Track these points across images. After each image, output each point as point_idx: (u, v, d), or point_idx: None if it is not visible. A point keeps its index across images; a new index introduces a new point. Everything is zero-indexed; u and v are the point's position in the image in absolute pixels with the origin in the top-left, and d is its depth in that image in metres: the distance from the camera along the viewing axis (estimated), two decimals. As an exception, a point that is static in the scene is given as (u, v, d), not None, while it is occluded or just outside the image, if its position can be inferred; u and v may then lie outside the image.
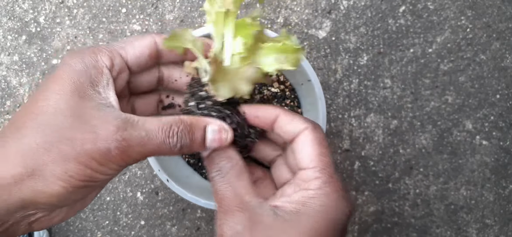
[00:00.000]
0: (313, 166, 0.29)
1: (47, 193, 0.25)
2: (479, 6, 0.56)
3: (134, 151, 0.27)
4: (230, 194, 0.29)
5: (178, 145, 0.28)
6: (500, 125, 0.57)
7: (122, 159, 0.27)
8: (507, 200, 0.57)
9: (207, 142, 0.30)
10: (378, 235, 0.57)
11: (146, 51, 0.32)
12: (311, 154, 0.30)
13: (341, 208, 0.28)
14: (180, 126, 0.28)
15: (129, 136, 0.27)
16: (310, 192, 0.28)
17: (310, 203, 0.28)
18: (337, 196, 0.29)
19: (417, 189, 0.57)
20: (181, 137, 0.28)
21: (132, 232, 0.57)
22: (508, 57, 0.56)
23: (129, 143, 0.27)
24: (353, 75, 0.56)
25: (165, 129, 0.28)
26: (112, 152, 0.26)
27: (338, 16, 0.56)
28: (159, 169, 0.44)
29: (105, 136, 0.26)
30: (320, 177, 0.29)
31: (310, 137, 0.30)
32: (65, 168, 0.25)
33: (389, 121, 0.56)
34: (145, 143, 0.27)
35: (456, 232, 0.57)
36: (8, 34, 0.56)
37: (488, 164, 0.57)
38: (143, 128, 0.27)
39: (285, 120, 0.31)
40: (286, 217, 0.28)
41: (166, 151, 0.28)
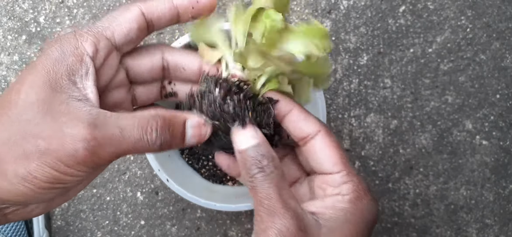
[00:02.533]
0: (338, 170, 0.29)
1: (12, 192, 0.24)
2: (479, 6, 0.56)
3: (105, 151, 0.25)
4: (275, 195, 0.27)
5: (158, 141, 0.26)
6: (500, 124, 0.57)
7: (92, 160, 0.24)
8: (507, 200, 0.57)
9: (187, 137, 0.28)
10: (378, 235, 0.57)
11: (134, 25, 0.28)
12: (333, 157, 0.29)
13: (373, 209, 0.29)
14: (158, 122, 0.26)
15: (100, 134, 0.24)
16: (345, 198, 0.28)
17: (347, 208, 0.27)
18: (369, 198, 0.28)
19: (417, 189, 0.57)
20: (161, 134, 0.26)
21: (132, 232, 0.57)
22: (508, 57, 0.56)
23: (99, 143, 0.24)
24: (353, 75, 0.56)
25: (142, 125, 0.26)
26: (80, 153, 0.24)
27: (338, 16, 0.56)
28: (159, 169, 0.44)
29: (73, 135, 0.24)
30: (349, 181, 0.28)
31: (327, 139, 0.29)
32: (28, 168, 0.23)
33: (389, 120, 0.56)
34: (119, 142, 0.25)
35: (456, 232, 0.57)
36: (8, 34, 0.56)
37: (488, 164, 0.57)
38: (117, 124, 0.25)
39: (299, 116, 0.30)
40: (330, 225, 0.27)
41: (143, 149, 0.26)
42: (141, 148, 0.26)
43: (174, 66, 0.32)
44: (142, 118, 0.26)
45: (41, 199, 0.25)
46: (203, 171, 0.52)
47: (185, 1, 0.29)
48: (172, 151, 0.51)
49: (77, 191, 0.30)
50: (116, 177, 0.56)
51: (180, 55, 0.32)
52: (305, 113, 0.30)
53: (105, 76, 0.29)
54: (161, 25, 0.30)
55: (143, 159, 0.56)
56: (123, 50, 0.30)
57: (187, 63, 0.32)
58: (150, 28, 0.30)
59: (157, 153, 0.30)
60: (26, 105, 0.24)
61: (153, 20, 0.29)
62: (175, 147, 0.28)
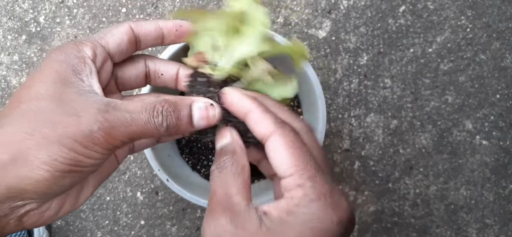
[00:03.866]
0: (290, 173, 0.27)
1: (32, 179, 0.25)
2: (479, 6, 0.56)
3: (118, 132, 0.26)
4: (220, 192, 0.28)
5: (164, 124, 0.27)
6: (500, 124, 0.57)
7: (106, 141, 0.26)
8: (507, 200, 0.57)
9: (194, 120, 0.29)
10: (378, 235, 0.57)
11: (124, 37, 0.31)
12: (285, 161, 0.27)
13: (328, 216, 0.26)
14: (164, 105, 0.28)
15: (112, 117, 0.26)
16: (294, 201, 0.27)
17: (295, 212, 0.26)
18: (322, 203, 0.26)
19: (417, 189, 0.57)
20: (166, 116, 0.28)
21: (132, 232, 0.57)
22: (508, 57, 0.56)
23: (112, 124, 0.26)
24: (353, 75, 0.56)
25: (149, 109, 0.27)
26: (95, 134, 0.26)
27: (338, 16, 0.56)
28: (159, 169, 0.44)
29: (87, 118, 0.26)
30: (301, 183, 0.27)
31: (280, 142, 0.28)
32: (49, 152, 0.25)
33: (389, 120, 0.56)
34: (129, 124, 0.27)
35: (456, 232, 0.57)
36: (8, 34, 0.56)
37: (488, 164, 0.57)
38: (126, 109, 0.27)
39: (254, 119, 0.29)
40: (270, 225, 0.26)
41: (152, 131, 0.27)
42: (150, 130, 0.27)
43: (154, 72, 0.35)
44: (148, 102, 0.28)
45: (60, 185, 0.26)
46: (203, 171, 0.52)
47: (170, 23, 0.33)
48: (172, 150, 0.51)
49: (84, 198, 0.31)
50: (116, 177, 0.56)
51: (159, 62, 0.35)
52: (262, 114, 0.29)
53: (102, 80, 0.31)
54: (148, 43, 0.33)
55: (143, 159, 0.56)
56: (114, 59, 0.32)
57: (165, 69, 0.35)
58: (138, 44, 0.33)
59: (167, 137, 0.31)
60: (39, 97, 0.26)
61: (140, 36, 0.32)
62: (184, 130, 0.29)
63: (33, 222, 0.27)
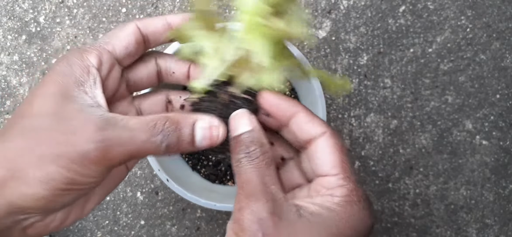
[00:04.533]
0: (335, 172, 0.28)
1: (31, 196, 0.25)
2: (479, 6, 0.56)
3: (115, 151, 0.26)
4: (257, 179, 0.27)
5: (163, 144, 0.27)
6: (500, 124, 0.57)
7: (102, 161, 0.26)
8: (507, 200, 0.57)
9: (197, 140, 0.28)
10: (378, 235, 0.57)
11: (132, 38, 0.30)
12: (333, 160, 0.28)
13: (365, 219, 0.27)
14: (165, 123, 0.27)
15: (109, 136, 0.25)
16: (335, 199, 0.27)
17: (335, 209, 0.27)
18: (362, 206, 0.27)
19: (417, 189, 0.57)
20: (166, 135, 0.27)
21: (132, 232, 0.57)
22: (508, 57, 0.56)
23: (108, 144, 0.25)
24: (353, 75, 0.56)
25: (150, 127, 0.26)
26: (91, 154, 0.25)
27: (338, 16, 0.56)
28: (159, 169, 0.44)
29: (83, 137, 0.25)
30: (345, 185, 0.28)
31: (331, 142, 0.29)
32: (45, 171, 0.25)
33: (389, 120, 0.56)
34: (127, 143, 0.26)
35: (456, 232, 0.57)
36: (8, 34, 0.56)
37: (488, 164, 0.57)
38: (126, 127, 0.26)
39: (304, 118, 0.30)
40: (310, 218, 0.26)
41: (151, 151, 0.27)
42: (149, 149, 0.27)
43: (165, 70, 0.34)
44: (149, 120, 0.27)
45: (60, 202, 0.26)
46: (203, 171, 0.52)
47: (178, 18, 0.31)
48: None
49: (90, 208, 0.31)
50: (116, 177, 0.56)
51: (170, 60, 0.34)
52: (311, 115, 0.30)
53: (110, 88, 0.30)
54: (157, 41, 0.32)
55: (143, 159, 0.56)
56: (123, 63, 0.31)
57: (177, 67, 0.34)
58: (147, 44, 0.32)
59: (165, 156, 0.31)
60: (39, 114, 0.26)
61: (148, 35, 0.31)
62: (184, 150, 0.29)
63: (37, 232, 0.27)
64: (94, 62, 0.28)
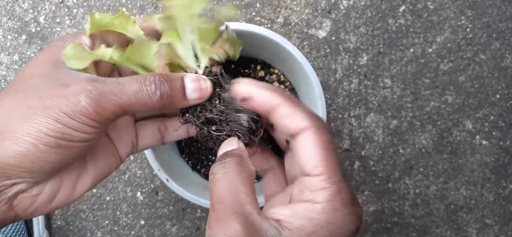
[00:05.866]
0: (318, 173, 0.26)
1: (16, 151, 0.24)
2: (479, 6, 0.56)
3: (107, 100, 0.25)
4: (229, 197, 0.24)
5: (157, 92, 0.27)
6: (500, 124, 0.57)
7: (95, 111, 0.25)
8: (507, 200, 0.57)
9: (188, 92, 0.29)
10: (378, 235, 0.57)
11: None
12: (315, 159, 0.26)
13: (348, 224, 0.25)
14: (156, 76, 0.27)
15: (100, 85, 0.26)
16: (317, 207, 0.25)
17: (316, 219, 0.25)
18: (346, 212, 0.25)
19: (417, 189, 0.57)
20: (159, 84, 0.27)
21: (132, 231, 0.57)
22: (508, 57, 0.56)
23: (100, 92, 0.25)
24: (353, 75, 0.56)
25: (141, 79, 0.27)
26: (83, 103, 0.25)
27: (338, 16, 0.56)
28: (159, 169, 0.44)
29: (74, 88, 0.25)
30: (327, 187, 0.25)
31: (314, 138, 0.26)
32: (33, 123, 0.24)
33: (389, 120, 0.56)
34: (119, 92, 0.26)
35: (456, 232, 0.57)
36: (8, 34, 0.56)
37: (488, 164, 0.57)
38: (117, 81, 0.27)
39: (286, 111, 0.27)
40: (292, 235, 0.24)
41: (145, 101, 0.26)
42: (142, 100, 0.26)
43: None
44: (140, 75, 0.28)
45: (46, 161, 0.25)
46: (203, 171, 0.52)
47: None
48: (172, 150, 0.51)
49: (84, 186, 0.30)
50: (116, 177, 0.56)
51: None
52: (292, 107, 0.27)
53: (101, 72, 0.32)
54: None
55: (143, 159, 0.56)
56: None
57: None
58: None
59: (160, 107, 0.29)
60: (31, 76, 0.27)
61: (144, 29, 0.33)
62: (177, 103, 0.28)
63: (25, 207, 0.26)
64: (86, 41, 0.30)
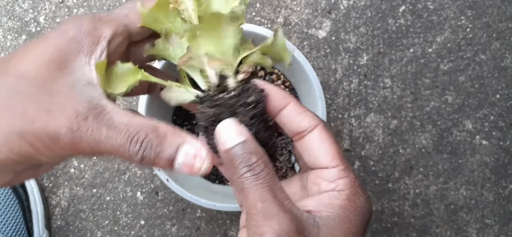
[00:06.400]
0: (335, 164, 0.28)
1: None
2: (479, 6, 0.56)
3: (85, 145, 0.24)
4: (270, 196, 0.25)
5: (139, 154, 0.24)
6: (500, 124, 0.57)
7: (71, 150, 0.24)
8: (507, 200, 0.57)
9: (176, 163, 0.25)
10: (378, 235, 0.57)
11: None
12: (330, 152, 0.28)
13: (369, 206, 0.28)
14: (149, 135, 0.24)
15: (86, 128, 0.23)
16: (343, 193, 0.27)
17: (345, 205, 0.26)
18: (366, 195, 0.28)
19: (417, 189, 0.57)
20: (144, 148, 0.24)
21: (132, 231, 0.57)
22: (508, 57, 0.56)
23: (82, 136, 0.23)
24: (353, 75, 0.56)
25: (131, 132, 0.24)
26: (61, 140, 0.23)
27: (338, 16, 0.56)
28: (159, 169, 0.44)
29: (59, 119, 0.23)
30: (346, 176, 0.27)
31: (325, 134, 0.28)
32: (6, 139, 0.23)
33: (389, 120, 0.56)
34: (101, 141, 0.24)
35: (456, 232, 0.57)
36: (8, 34, 0.56)
37: (488, 164, 0.57)
38: (108, 123, 0.24)
39: (296, 110, 0.29)
40: (327, 223, 0.26)
41: (124, 156, 0.24)
42: (122, 155, 0.24)
43: None
44: (134, 124, 0.24)
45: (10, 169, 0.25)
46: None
47: None
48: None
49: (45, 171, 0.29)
50: (116, 177, 0.56)
51: None
52: (301, 107, 0.29)
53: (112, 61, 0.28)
54: None
55: (143, 159, 0.56)
56: (133, 38, 0.29)
57: None
58: None
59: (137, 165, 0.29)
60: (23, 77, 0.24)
61: None
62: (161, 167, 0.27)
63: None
64: (107, 35, 0.26)
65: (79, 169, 0.56)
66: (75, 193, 0.56)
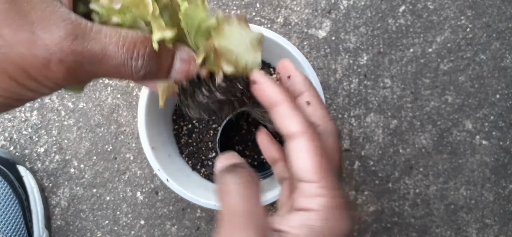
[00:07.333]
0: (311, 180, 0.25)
1: None
2: (479, 6, 0.56)
3: (82, 70, 0.20)
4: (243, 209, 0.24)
5: (142, 71, 0.22)
6: (500, 124, 0.57)
7: (65, 77, 0.20)
8: (507, 200, 0.57)
9: (172, 71, 0.24)
10: (378, 235, 0.57)
11: None
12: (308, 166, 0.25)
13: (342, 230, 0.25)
14: (147, 47, 0.22)
15: (79, 49, 0.19)
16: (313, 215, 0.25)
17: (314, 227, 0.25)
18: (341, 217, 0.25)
19: (417, 189, 0.57)
20: (148, 62, 0.22)
21: (132, 231, 0.57)
22: (508, 57, 0.56)
23: (78, 58, 0.19)
24: (353, 75, 0.56)
25: (129, 47, 0.21)
26: (52, 66, 0.19)
27: (338, 16, 0.56)
28: (159, 169, 0.44)
29: (47, 41, 0.19)
30: (323, 194, 0.25)
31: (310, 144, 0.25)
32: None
33: (389, 120, 0.56)
34: (100, 61, 0.20)
35: (456, 232, 0.57)
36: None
37: (488, 164, 0.57)
38: (99, 39, 0.20)
39: (285, 111, 0.26)
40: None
41: (124, 75, 0.22)
42: (122, 73, 0.22)
43: None
44: (129, 38, 0.21)
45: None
46: (203, 171, 0.52)
47: None
48: (172, 150, 0.51)
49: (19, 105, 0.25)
50: (116, 177, 0.56)
51: None
52: (292, 109, 0.26)
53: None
54: None
55: (143, 159, 0.56)
56: None
57: None
58: None
59: (136, 82, 0.26)
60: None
61: None
62: (157, 80, 0.25)
63: None
64: None
65: (79, 169, 0.56)
66: (75, 193, 0.56)
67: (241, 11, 0.56)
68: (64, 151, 0.56)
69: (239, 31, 0.27)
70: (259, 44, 0.28)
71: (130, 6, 0.23)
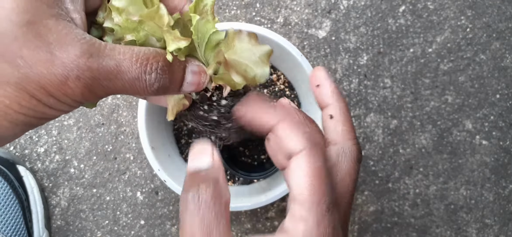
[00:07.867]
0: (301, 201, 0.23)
1: None
2: (479, 6, 0.56)
3: (99, 85, 0.21)
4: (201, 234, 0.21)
5: (156, 84, 0.22)
6: (500, 124, 0.57)
7: (82, 93, 0.21)
8: (507, 200, 0.57)
9: (184, 84, 0.24)
10: (378, 235, 0.57)
11: None
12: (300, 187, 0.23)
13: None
14: (160, 62, 0.22)
15: (95, 65, 0.20)
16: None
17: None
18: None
19: (417, 189, 0.57)
20: (161, 75, 0.22)
21: (132, 231, 0.57)
22: (508, 57, 0.56)
23: (94, 75, 0.20)
24: (353, 75, 0.56)
25: (142, 61, 0.22)
26: (70, 83, 0.20)
27: (338, 16, 0.56)
28: (159, 169, 0.44)
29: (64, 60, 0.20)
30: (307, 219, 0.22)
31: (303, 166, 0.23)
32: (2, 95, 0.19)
33: (389, 120, 0.56)
34: (115, 76, 0.21)
35: (456, 232, 0.57)
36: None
37: (488, 163, 0.57)
38: (113, 56, 0.21)
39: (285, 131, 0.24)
40: None
41: (138, 90, 0.22)
42: (136, 88, 0.22)
43: None
44: (142, 54, 0.22)
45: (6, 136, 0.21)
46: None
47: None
48: (172, 150, 0.51)
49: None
50: (116, 177, 0.56)
51: None
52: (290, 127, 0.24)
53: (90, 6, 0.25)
54: None
55: (143, 159, 0.56)
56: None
57: None
58: None
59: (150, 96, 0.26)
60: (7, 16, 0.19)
61: None
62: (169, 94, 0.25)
63: None
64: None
65: (79, 169, 0.56)
66: (75, 193, 0.56)
67: (241, 11, 0.56)
68: (64, 151, 0.56)
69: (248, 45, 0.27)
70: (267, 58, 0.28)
71: (146, 19, 0.23)
